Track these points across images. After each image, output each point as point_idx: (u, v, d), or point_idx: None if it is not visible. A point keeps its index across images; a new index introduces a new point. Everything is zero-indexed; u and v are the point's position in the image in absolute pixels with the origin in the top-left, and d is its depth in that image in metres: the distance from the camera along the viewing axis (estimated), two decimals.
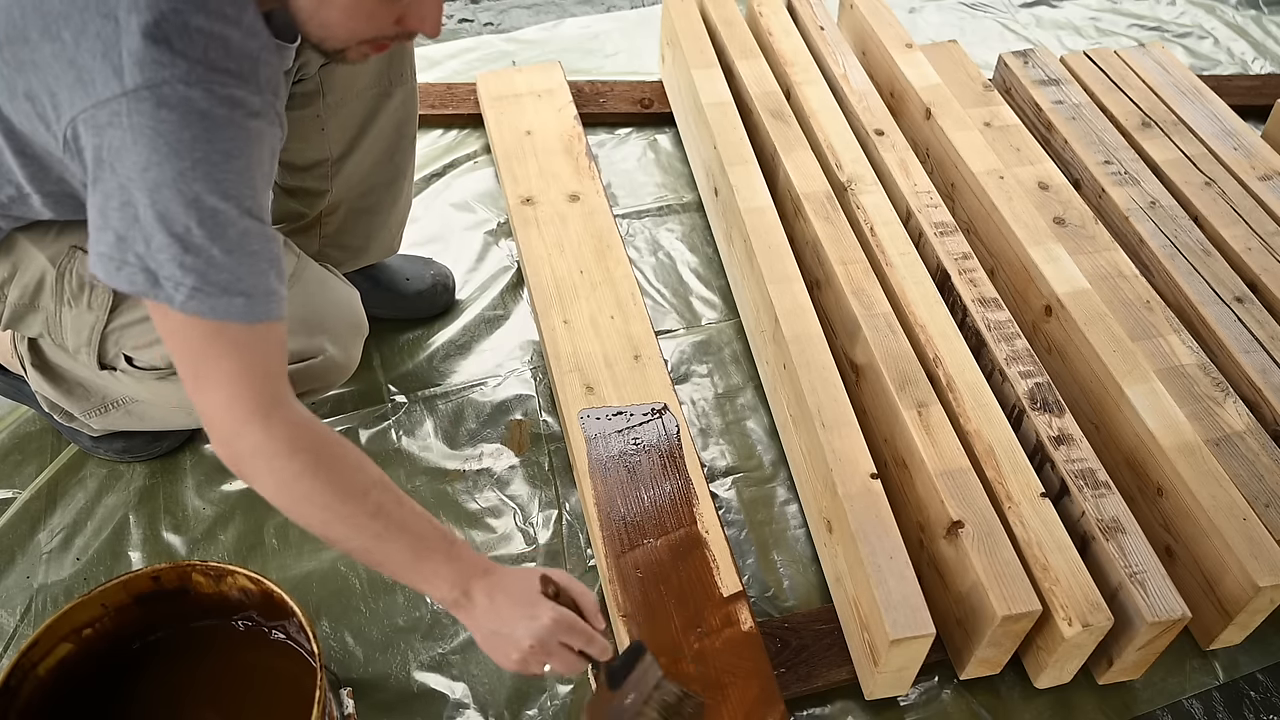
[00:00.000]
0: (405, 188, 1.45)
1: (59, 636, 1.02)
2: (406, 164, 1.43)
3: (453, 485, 1.40)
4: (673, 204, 1.84)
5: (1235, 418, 1.28)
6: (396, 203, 1.45)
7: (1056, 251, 1.44)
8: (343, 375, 1.23)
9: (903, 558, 1.10)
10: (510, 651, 0.93)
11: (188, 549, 1.33)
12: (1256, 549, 1.13)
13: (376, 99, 1.31)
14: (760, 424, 1.49)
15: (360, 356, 1.25)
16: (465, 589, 0.93)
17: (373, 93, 1.30)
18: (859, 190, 1.52)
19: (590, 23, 2.31)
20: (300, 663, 1.10)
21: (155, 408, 1.23)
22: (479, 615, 0.94)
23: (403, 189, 1.44)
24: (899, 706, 1.21)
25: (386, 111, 1.32)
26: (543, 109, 1.83)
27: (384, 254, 1.50)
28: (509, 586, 0.94)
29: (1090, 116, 1.78)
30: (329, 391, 1.29)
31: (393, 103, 1.32)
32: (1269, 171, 1.66)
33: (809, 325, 1.33)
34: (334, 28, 0.87)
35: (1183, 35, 2.37)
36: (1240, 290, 1.47)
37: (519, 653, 0.93)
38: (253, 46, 0.84)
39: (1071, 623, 1.07)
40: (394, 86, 1.31)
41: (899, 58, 1.78)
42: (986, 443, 1.21)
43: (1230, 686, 1.24)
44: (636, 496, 1.29)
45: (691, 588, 1.20)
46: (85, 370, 1.19)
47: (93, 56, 0.79)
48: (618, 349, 1.45)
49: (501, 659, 0.95)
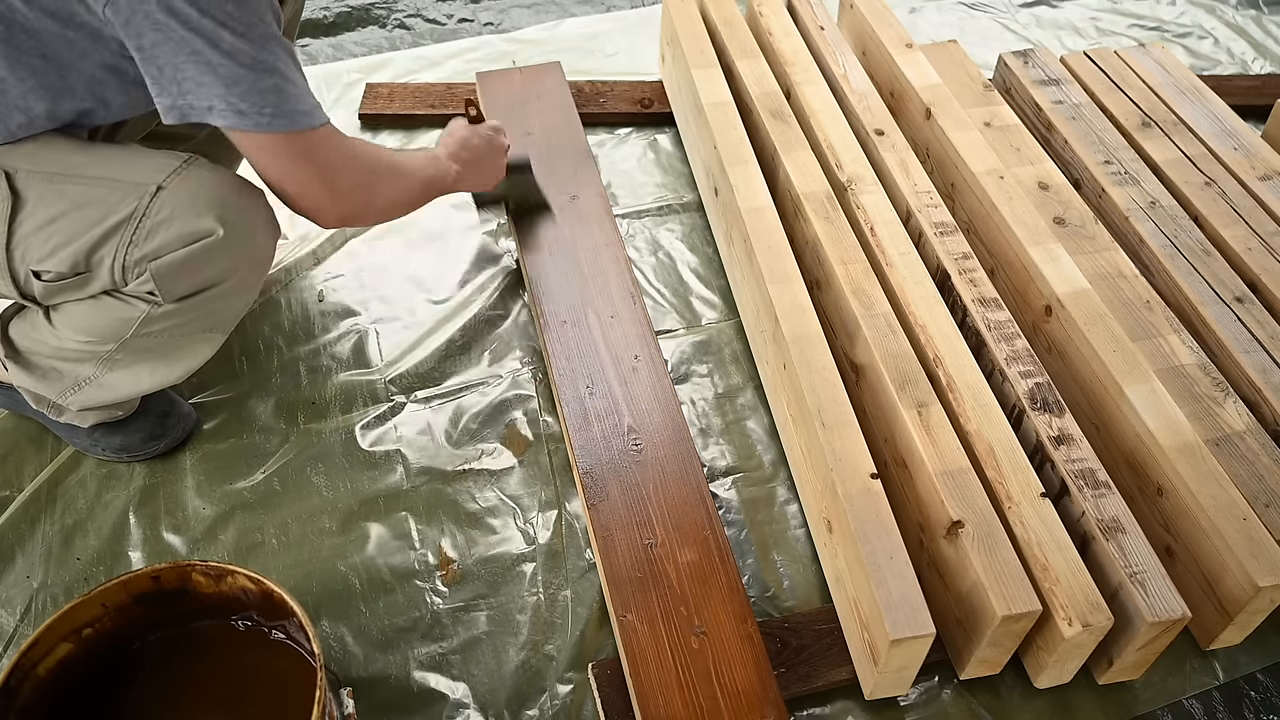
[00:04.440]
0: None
1: (59, 636, 1.02)
2: None
3: (453, 485, 1.40)
4: (673, 204, 1.84)
5: (1235, 418, 1.28)
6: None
7: (1056, 251, 1.44)
8: (243, 264, 1.18)
9: (903, 558, 1.10)
10: (498, 174, 1.53)
11: (188, 549, 1.33)
12: (1256, 549, 1.13)
13: None
14: (760, 424, 1.49)
15: (271, 252, 1.22)
16: (459, 164, 1.41)
17: None
18: (859, 190, 1.52)
19: (590, 23, 2.31)
20: (300, 663, 1.10)
21: (115, 374, 1.24)
22: (468, 176, 1.44)
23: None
24: (899, 706, 1.21)
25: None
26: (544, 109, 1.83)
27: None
28: (466, 143, 1.44)
29: (1090, 116, 1.78)
30: (243, 287, 1.21)
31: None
32: (1269, 171, 1.66)
33: (809, 325, 1.33)
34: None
35: (1183, 35, 2.37)
36: (1240, 290, 1.47)
37: (500, 169, 1.53)
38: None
39: (1071, 623, 1.07)
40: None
41: (899, 58, 1.78)
42: (986, 443, 1.20)
43: (1230, 686, 1.24)
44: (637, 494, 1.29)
45: (691, 587, 1.20)
46: (45, 339, 1.20)
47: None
48: (618, 349, 1.45)
49: (494, 182, 1.54)
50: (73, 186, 1.08)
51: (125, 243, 1.08)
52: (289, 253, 1.71)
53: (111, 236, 1.08)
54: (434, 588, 1.30)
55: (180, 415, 1.42)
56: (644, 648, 1.15)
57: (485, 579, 1.31)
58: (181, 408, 1.43)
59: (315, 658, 0.97)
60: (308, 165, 1.10)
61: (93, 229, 1.08)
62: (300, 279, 1.68)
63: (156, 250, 1.09)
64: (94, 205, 1.07)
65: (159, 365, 1.24)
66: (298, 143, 1.07)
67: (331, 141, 1.12)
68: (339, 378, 1.53)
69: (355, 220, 1.24)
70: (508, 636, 1.25)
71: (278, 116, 1.03)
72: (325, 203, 1.15)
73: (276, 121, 1.03)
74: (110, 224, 1.08)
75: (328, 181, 1.13)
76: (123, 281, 1.11)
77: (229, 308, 1.22)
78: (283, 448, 1.44)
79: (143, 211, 1.07)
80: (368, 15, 2.32)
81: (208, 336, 1.24)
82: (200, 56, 0.97)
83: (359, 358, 1.56)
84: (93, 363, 1.22)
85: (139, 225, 1.08)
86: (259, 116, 1.02)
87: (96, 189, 1.08)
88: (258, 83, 1.01)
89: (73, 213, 1.08)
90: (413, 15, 2.33)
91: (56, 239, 1.08)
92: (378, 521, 1.36)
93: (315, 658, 0.97)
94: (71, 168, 1.08)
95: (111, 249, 1.09)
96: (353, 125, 1.97)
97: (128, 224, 1.08)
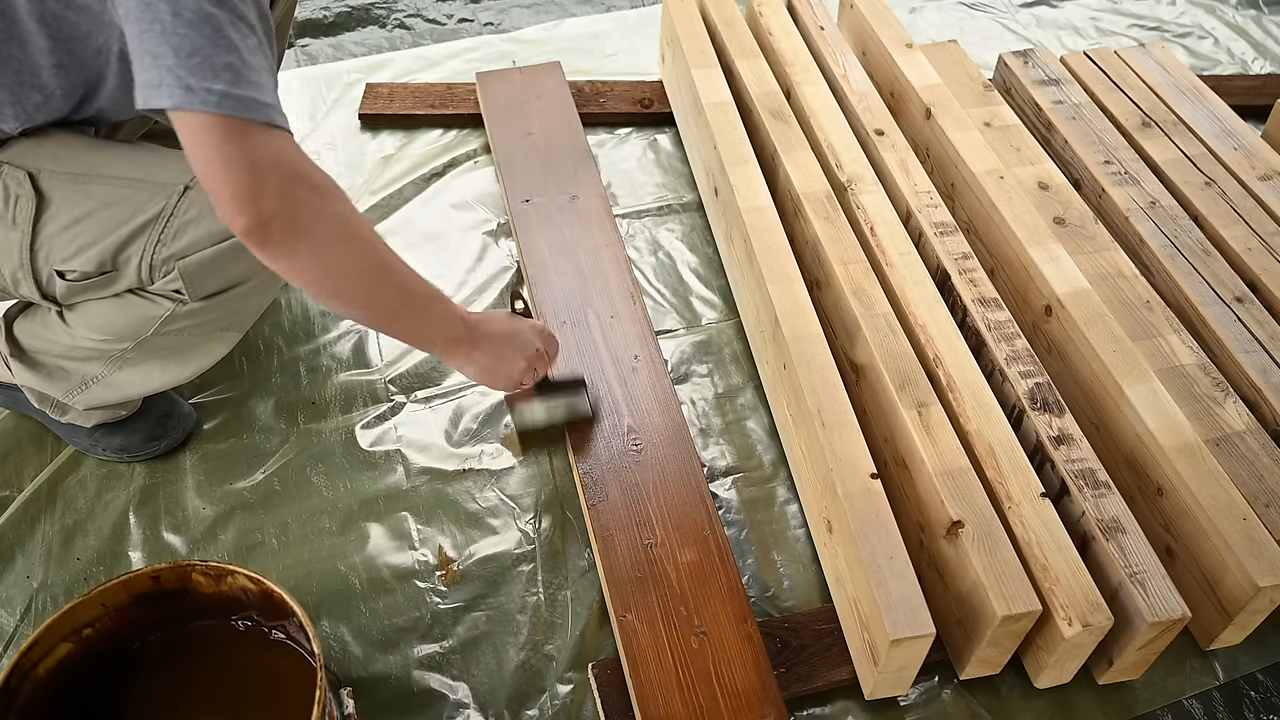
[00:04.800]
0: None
1: (59, 636, 1.02)
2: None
3: (452, 485, 1.40)
4: (673, 204, 1.84)
5: (1235, 418, 1.28)
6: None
7: (1056, 251, 1.44)
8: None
9: (903, 558, 1.10)
10: (511, 374, 1.20)
11: (188, 549, 1.33)
12: (1256, 549, 1.13)
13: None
14: (760, 424, 1.49)
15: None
16: (467, 327, 1.13)
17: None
18: (859, 190, 1.52)
19: (590, 23, 2.31)
20: (300, 663, 1.10)
21: (125, 373, 1.24)
22: (478, 356, 1.15)
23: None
24: (899, 706, 1.21)
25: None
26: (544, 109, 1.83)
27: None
28: (492, 320, 1.18)
29: (1090, 116, 1.78)
30: (267, 285, 1.20)
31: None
32: (1269, 171, 1.66)
33: (809, 325, 1.33)
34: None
35: (1183, 35, 2.37)
36: (1240, 290, 1.47)
37: (518, 373, 1.20)
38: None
39: (1071, 623, 1.07)
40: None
41: (899, 58, 1.78)
42: (986, 443, 1.20)
43: (1230, 686, 1.24)
44: (637, 494, 1.29)
45: (691, 587, 1.20)
46: (57, 338, 1.20)
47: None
48: (618, 349, 1.45)
49: (504, 384, 1.21)
50: (98, 186, 1.08)
51: (153, 242, 1.09)
52: None
53: (139, 236, 1.08)
54: (434, 588, 1.30)
55: (180, 415, 1.42)
56: (644, 648, 1.15)
57: (485, 579, 1.31)
58: (182, 408, 1.43)
59: (315, 658, 0.97)
60: (245, 166, 0.89)
61: (120, 228, 1.08)
62: None
63: (185, 249, 1.09)
64: (121, 205, 1.08)
65: (170, 364, 1.24)
66: (243, 134, 0.89)
67: (286, 152, 0.93)
68: (339, 378, 1.53)
69: (268, 246, 0.94)
70: (508, 636, 1.25)
71: (227, 98, 0.87)
72: (240, 207, 0.91)
73: (225, 103, 0.87)
74: (138, 223, 1.08)
75: (253, 187, 0.90)
76: (149, 280, 1.12)
77: (250, 306, 1.23)
78: (283, 448, 1.44)
79: (171, 210, 1.08)
80: (368, 15, 2.32)
81: (225, 335, 1.25)
82: (162, 25, 0.86)
83: (359, 358, 1.56)
84: (102, 361, 1.22)
85: (167, 224, 1.08)
86: (206, 94, 0.86)
87: (123, 189, 1.08)
88: (214, 57, 0.87)
89: (99, 212, 1.08)
90: (413, 15, 2.33)
91: (82, 239, 1.08)
92: (378, 521, 1.36)
93: (315, 658, 0.97)
94: (96, 167, 1.09)
95: (139, 248, 1.09)
96: (353, 125, 1.97)
97: (156, 223, 1.08)
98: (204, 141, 0.89)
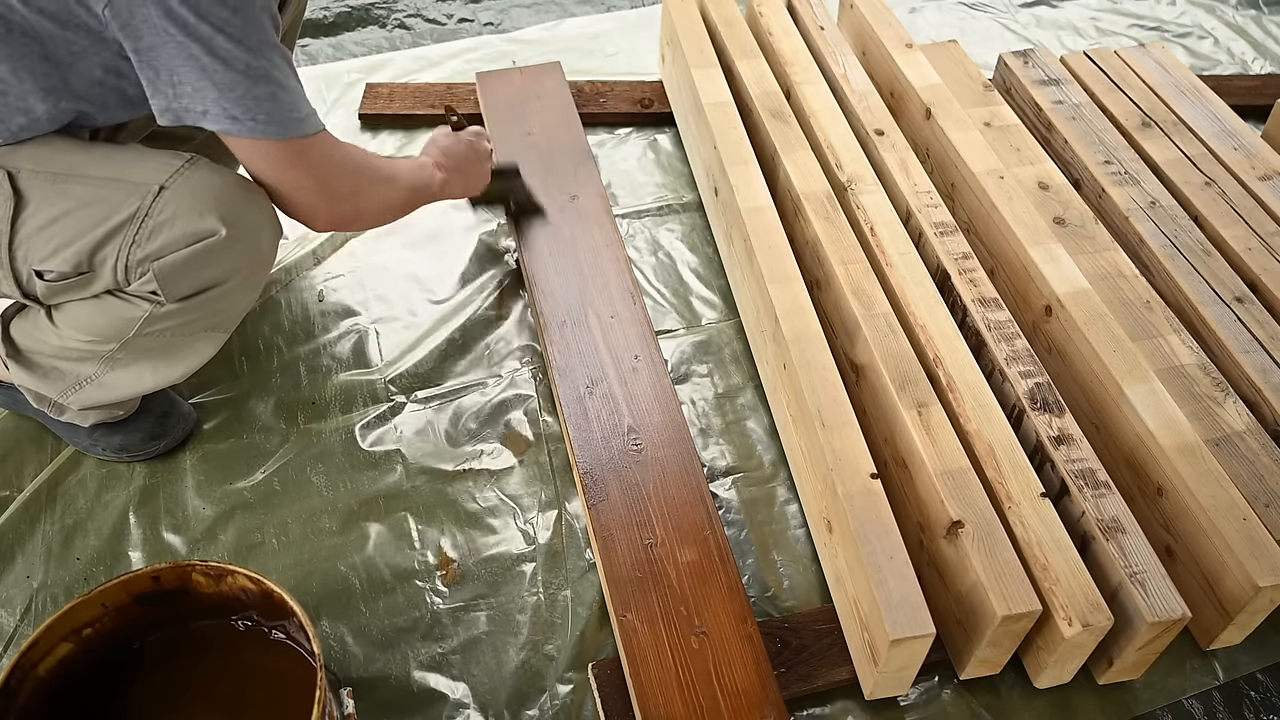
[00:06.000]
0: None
1: (59, 636, 1.02)
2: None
3: (452, 485, 1.40)
4: (673, 204, 1.84)
5: (1235, 418, 1.28)
6: None
7: (1056, 251, 1.44)
8: (246, 264, 1.17)
9: (903, 558, 1.10)
10: (483, 178, 1.52)
11: (188, 549, 1.33)
12: (1256, 549, 1.13)
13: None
14: (760, 424, 1.49)
15: (273, 252, 1.21)
16: (443, 169, 1.40)
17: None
18: (859, 190, 1.52)
19: (590, 23, 2.31)
20: (300, 663, 1.10)
21: (117, 373, 1.24)
22: (456, 179, 1.43)
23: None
24: (899, 706, 1.21)
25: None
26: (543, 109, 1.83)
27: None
28: (448, 149, 1.45)
29: (1090, 116, 1.78)
30: (245, 287, 1.21)
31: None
32: (1269, 171, 1.66)
33: (809, 325, 1.33)
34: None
35: (1183, 35, 2.37)
36: (1240, 290, 1.47)
37: (486, 174, 1.52)
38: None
39: (1071, 623, 1.07)
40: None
41: (899, 58, 1.78)
42: (986, 443, 1.20)
43: (1230, 686, 1.24)
44: (637, 494, 1.29)
45: (691, 587, 1.20)
46: (47, 339, 1.21)
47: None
48: (618, 349, 1.45)
49: (479, 187, 1.52)
50: (75, 186, 1.08)
51: (128, 242, 1.08)
52: (289, 253, 1.71)
53: (114, 236, 1.08)
54: (434, 588, 1.30)
55: (180, 415, 1.42)
56: (644, 648, 1.15)
57: (485, 579, 1.31)
58: (181, 408, 1.43)
59: (315, 658, 0.97)
60: (300, 170, 1.12)
61: (95, 229, 1.08)
62: (300, 279, 1.68)
63: (159, 250, 1.09)
64: (97, 205, 1.08)
65: (160, 364, 1.24)
66: (290, 148, 1.09)
67: (325, 147, 1.13)
68: (339, 378, 1.53)
69: (347, 225, 1.25)
70: (508, 636, 1.25)
71: (271, 123, 1.04)
72: (318, 207, 1.17)
73: (270, 128, 1.05)
74: (113, 224, 1.08)
75: (320, 186, 1.15)
76: (125, 281, 1.11)
77: (231, 307, 1.22)
78: (283, 448, 1.44)
79: (145, 211, 1.08)
80: (368, 15, 2.32)
81: (210, 336, 1.24)
82: (196, 61, 0.98)
83: (359, 358, 1.56)
84: (94, 362, 1.22)
85: (142, 225, 1.08)
86: (252, 122, 1.03)
87: (99, 189, 1.08)
88: (253, 89, 1.02)
89: (75, 212, 1.08)
90: (413, 15, 2.33)
91: (59, 239, 1.08)
92: (378, 521, 1.36)
93: (315, 658, 0.97)
94: (74, 167, 1.08)
95: (114, 249, 1.09)
96: (353, 125, 1.97)
97: (130, 224, 1.08)
98: (260, 163, 1.10)
